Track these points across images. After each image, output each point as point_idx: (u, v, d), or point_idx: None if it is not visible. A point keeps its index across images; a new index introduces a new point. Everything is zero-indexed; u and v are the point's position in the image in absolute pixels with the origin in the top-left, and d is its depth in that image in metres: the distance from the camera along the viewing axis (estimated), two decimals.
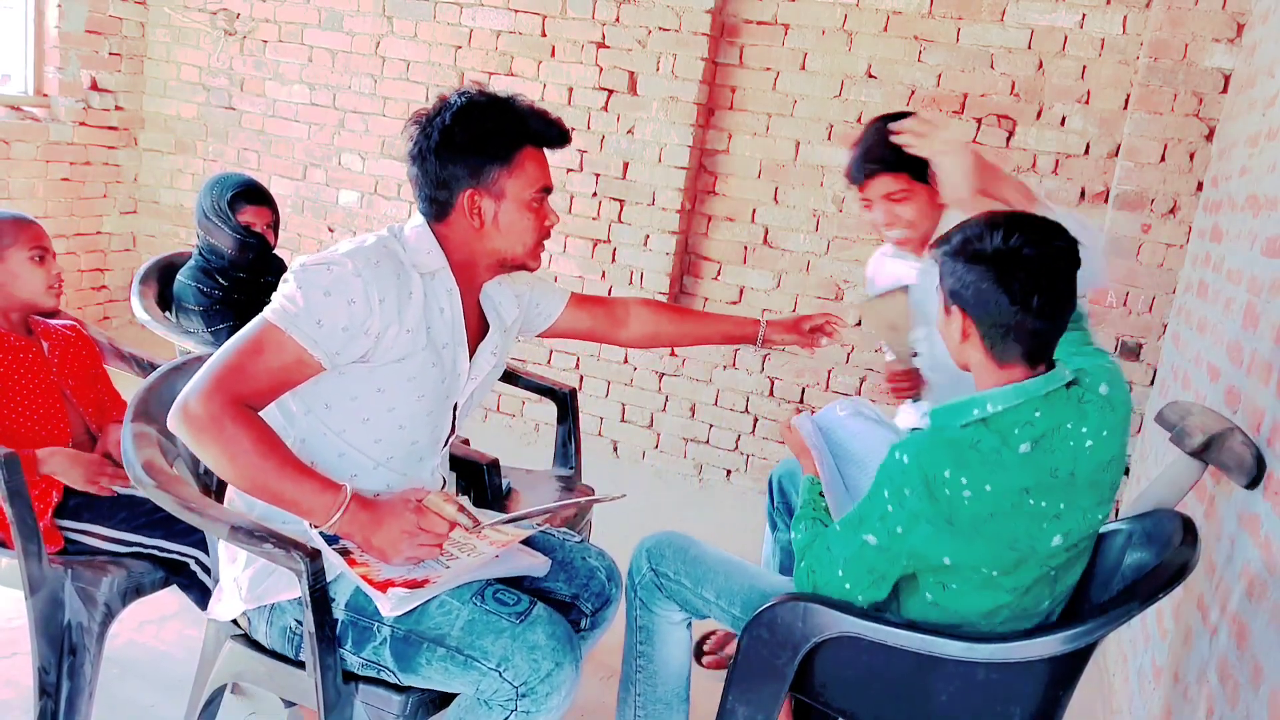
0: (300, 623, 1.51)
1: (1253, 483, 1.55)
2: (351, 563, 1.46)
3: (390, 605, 1.42)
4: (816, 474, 1.72)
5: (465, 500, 1.63)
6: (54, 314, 2.09)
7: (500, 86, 4.53)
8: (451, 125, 1.48)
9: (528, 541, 1.70)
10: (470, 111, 1.49)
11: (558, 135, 1.55)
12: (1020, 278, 1.36)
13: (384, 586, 1.43)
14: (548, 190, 1.57)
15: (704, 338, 2.11)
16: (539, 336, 1.91)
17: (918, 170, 1.88)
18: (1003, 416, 1.41)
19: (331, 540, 1.47)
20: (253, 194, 2.52)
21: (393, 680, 1.49)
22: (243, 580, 1.54)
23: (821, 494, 1.68)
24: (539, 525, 1.78)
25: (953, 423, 1.43)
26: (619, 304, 2.00)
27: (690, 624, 1.80)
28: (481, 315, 1.66)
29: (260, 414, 1.43)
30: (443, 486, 1.71)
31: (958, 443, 1.39)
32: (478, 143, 1.48)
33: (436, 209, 1.54)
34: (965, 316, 1.42)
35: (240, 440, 1.36)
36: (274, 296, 1.44)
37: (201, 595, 1.88)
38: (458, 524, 1.51)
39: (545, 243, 1.60)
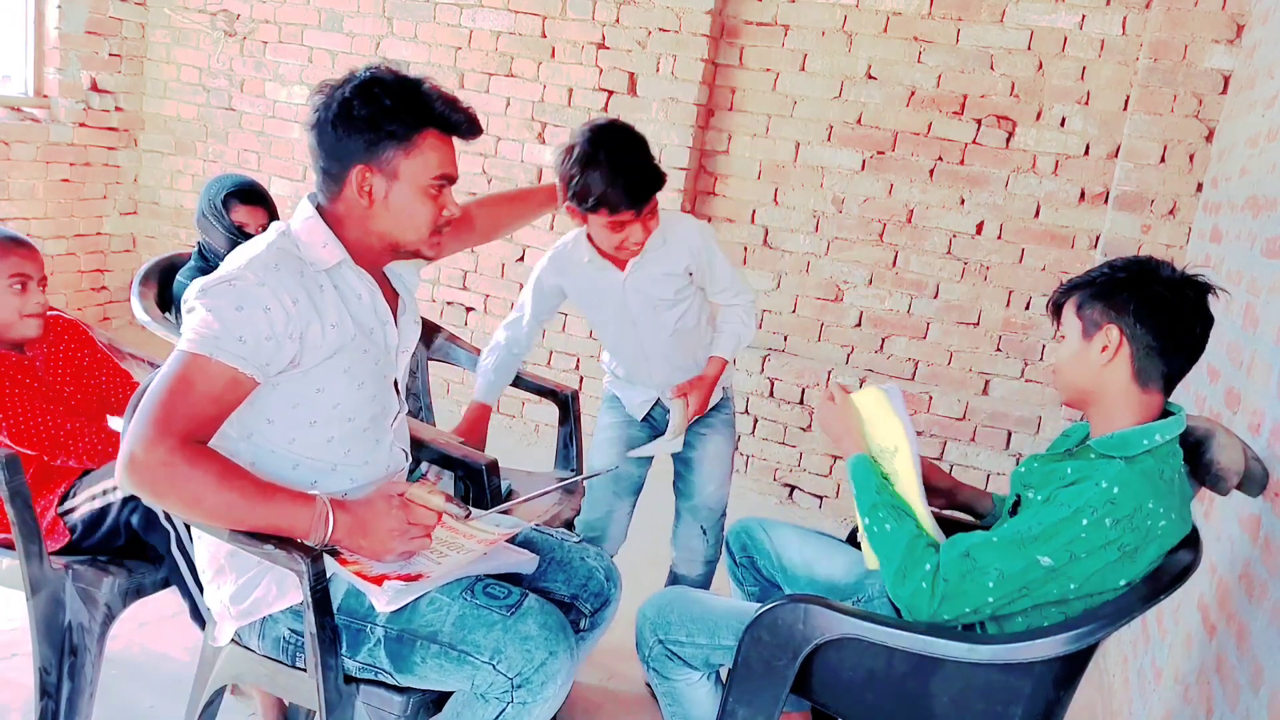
0: (294, 631, 1.51)
1: (1261, 492, 1.56)
2: (343, 561, 1.46)
3: (386, 600, 1.42)
4: (863, 451, 1.64)
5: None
6: (24, 345, 1.98)
7: (500, 87, 4.51)
8: (351, 98, 1.43)
9: (526, 541, 1.70)
10: (373, 86, 1.44)
11: (465, 124, 1.50)
12: (1188, 302, 1.46)
13: (378, 581, 1.43)
14: (450, 179, 1.52)
15: (525, 212, 2.13)
16: None
17: None
18: (1164, 446, 1.46)
19: None
20: (246, 194, 2.52)
21: (390, 681, 1.49)
22: (227, 601, 1.53)
23: (885, 476, 1.61)
24: (535, 524, 1.78)
25: (1124, 453, 1.46)
26: (463, 220, 1.83)
27: (712, 674, 1.74)
28: (391, 287, 1.64)
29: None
30: (410, 466, 1.70)
31: (1150, 474, 1.43)
32: (376, 118, 1.43)
33: (329, 183, 1.49)
34: (1122, 335, 1.47)
35: (200, 479, 1.32)
36: (184, 327, 1.39)
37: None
38: (446, 514, 1.50)
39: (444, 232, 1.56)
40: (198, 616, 1.87)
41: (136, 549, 1.90)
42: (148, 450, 1.31)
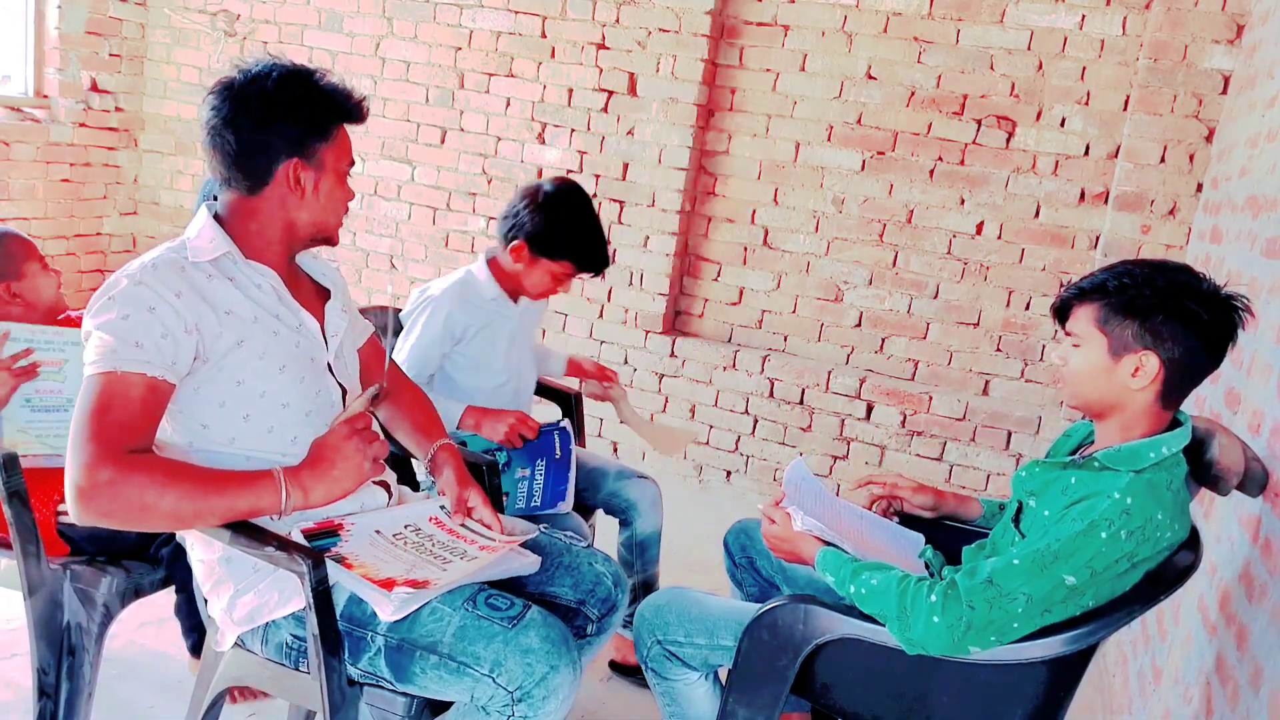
0: (296, 637, 1.50)
1: (1261, 492, 1.56)
2: (348, 565, 1.45)
3: (393, 608, 1.41)
4: (826, 545, 1.60)
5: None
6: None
7: (500, 87, 4.50)
8: (274, 93, 1.45)
9: (533, 545, 1.70)
10: (292, 81, 1.47)
11: (364, 113, 1.56)
12: (1226, 324, 1.44)
13: (387, 585, 1.42)
14: (352, 164, 1.59)
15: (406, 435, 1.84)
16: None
17: None
18: (1170, 458, 1.46)
19: (324, 547, 1.47)
20: None
21: (391, 689, 1.49)
22: (227, 609, 1.53)
23: (853, 559, 1.56)
24: (542, 527, 1.77)
25: (1132, 467, 1.44)
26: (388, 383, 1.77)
27: (710, 675, 1.73)
28: (314, 282, 1.66)
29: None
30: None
31: (1158, 485, 1.42)
32: (301, 113, 1.47)
33: (247, 180, 1.48)
34: (1160, 365, 1.44)
35: (149, 486, 1.32)
36: (85, 356, 1.39)
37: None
38: (372, 399, 1.55)
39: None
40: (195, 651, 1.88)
41: (138, 549, 1.90)
42: (89, 476, 1.29)
